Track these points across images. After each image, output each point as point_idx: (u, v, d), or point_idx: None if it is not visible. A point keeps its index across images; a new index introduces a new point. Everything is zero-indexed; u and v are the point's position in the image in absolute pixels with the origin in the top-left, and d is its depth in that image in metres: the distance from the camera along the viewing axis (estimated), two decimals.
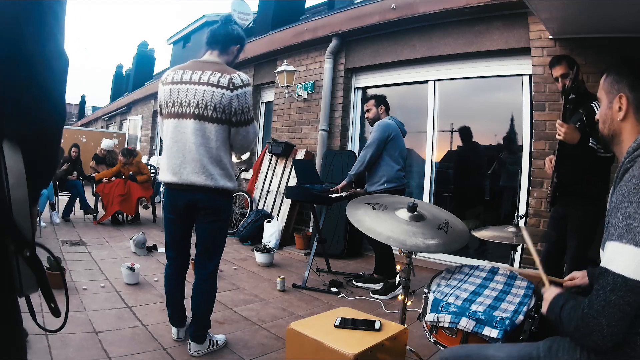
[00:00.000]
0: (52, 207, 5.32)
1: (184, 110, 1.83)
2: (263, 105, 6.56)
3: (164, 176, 1.92)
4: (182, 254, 2.08)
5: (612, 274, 0.83)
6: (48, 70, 0.72)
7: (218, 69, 1.85)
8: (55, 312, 0.76)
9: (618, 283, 0.81)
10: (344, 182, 3.34)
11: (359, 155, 4.58)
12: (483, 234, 1.95)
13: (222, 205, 1.96)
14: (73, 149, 6.01)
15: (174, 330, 2.15)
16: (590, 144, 2.11)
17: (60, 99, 0.76)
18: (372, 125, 3.38)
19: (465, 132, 4.28)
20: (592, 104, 2.25)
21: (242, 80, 1.85)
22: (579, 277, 1.33)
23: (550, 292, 1.05)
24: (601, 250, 0.91)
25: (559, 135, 2.14)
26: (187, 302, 2.12)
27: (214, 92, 1.80)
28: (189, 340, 2.02)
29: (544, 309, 1.03)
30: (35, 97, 0.71)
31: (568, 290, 1.26)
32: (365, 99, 3.64)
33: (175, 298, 2.10)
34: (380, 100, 3.40)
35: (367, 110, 3.42)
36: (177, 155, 1.86)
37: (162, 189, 5.97)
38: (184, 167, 1.85)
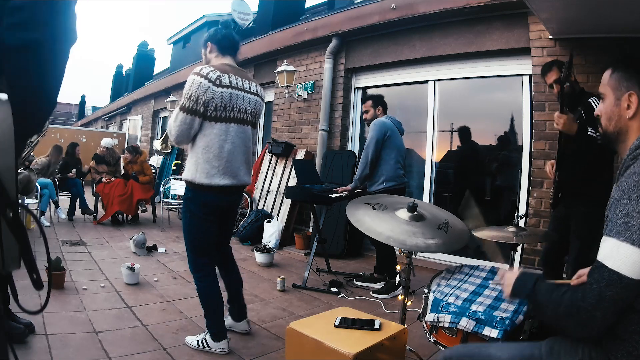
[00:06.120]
0: (56, 204, 5.32)
1: (243, 117, 1.93)
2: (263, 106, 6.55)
3: (218, 180, 1.85)
4: (215, 253, 2.08)
5: (608, 270, 0.84)
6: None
7: (249, 78, 2.01)
8: (37, 285, 0.70)
9: (614, 280, 0.83)
10: (348, 187, 3.33)
11: (359, 157, 4.60)
12: (483, 234, 1.95)
13: None
14: (77, 148, 6.02)
15: (224, 344, 1.97)
16: (589, 132, 2.07)
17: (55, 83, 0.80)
18: (369, 125, 3.37)
19: (464, 132, 4.27)
20: (589, 100, 2.24)
21: None
22: (585, 274, 1.29)
23: (509, 275, 1.05)
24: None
25: (557, 124, 2.12)
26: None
27: (257, 101, 2.01)
28: (245, 320, 2.16)
29: (507, 292, 1.03)
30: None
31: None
32: (364, 99, 3.63)
33: (221, 300, 2.02)
34: (378, 101, 3.38)
35: (365, 112, 3.41)
36: (237, 159, 1.91)
37: (161, 188, 6.00)
38: (240, 170, 1.94)
